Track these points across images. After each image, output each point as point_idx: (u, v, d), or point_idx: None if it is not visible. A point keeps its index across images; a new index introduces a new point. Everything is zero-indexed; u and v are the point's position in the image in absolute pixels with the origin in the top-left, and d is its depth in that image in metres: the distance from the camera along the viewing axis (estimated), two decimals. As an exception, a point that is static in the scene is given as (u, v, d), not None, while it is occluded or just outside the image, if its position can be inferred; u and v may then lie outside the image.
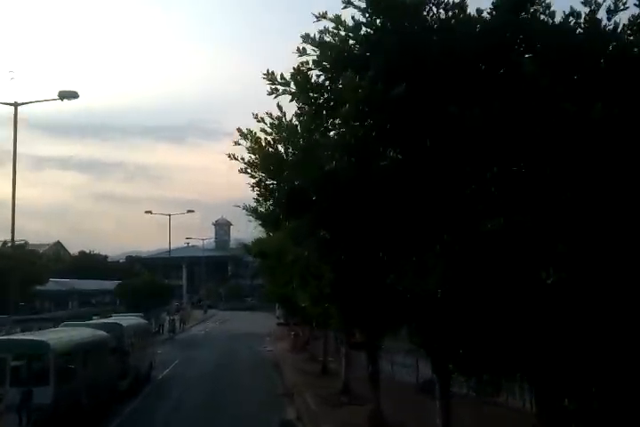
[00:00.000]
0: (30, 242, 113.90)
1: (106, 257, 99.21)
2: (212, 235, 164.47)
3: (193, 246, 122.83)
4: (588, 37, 6.25)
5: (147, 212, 65.14)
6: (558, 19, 6.56)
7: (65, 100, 21.30)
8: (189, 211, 74.69)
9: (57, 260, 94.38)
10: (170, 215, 62.67)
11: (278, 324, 54.10)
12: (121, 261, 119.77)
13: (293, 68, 7.52)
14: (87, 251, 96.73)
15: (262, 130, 8.60)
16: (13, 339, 17.54)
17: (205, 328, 57.66)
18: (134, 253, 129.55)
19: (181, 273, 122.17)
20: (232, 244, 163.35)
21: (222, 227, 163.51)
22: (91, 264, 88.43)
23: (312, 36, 7.19)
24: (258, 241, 28.72)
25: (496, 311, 6.16)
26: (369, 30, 7.09)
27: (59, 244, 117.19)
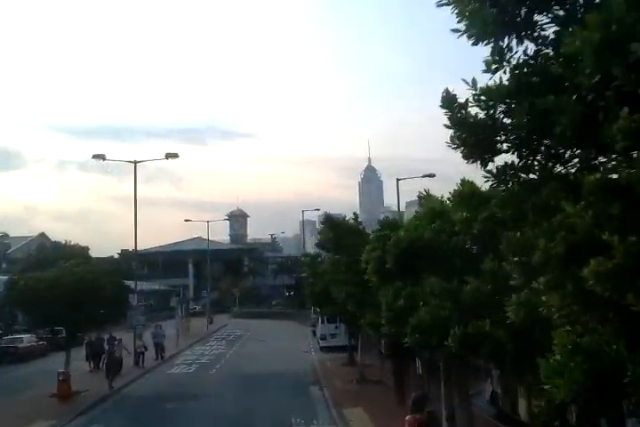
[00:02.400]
0: (12, 235, 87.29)
1: (87, 249, 76.40)
2: (227, 229, 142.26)
3: (202, 239, 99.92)
4: None
5: (186, 220, 60.92)
6: None
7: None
8: (228, 217, 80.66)
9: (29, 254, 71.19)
10: (208, 222, 59.02)
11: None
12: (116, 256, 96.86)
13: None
14: (65, 242, 74.23)
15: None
16: None
17: (199, 358, 33.34)
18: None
19: (187, 270, 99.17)
20: (249, 238, 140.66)
21: (237, 219, 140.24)
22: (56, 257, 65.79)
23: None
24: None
25: None
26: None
27: (44, 235, 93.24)
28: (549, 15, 5.33)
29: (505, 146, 5.50)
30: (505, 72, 5.42)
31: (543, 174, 5.43)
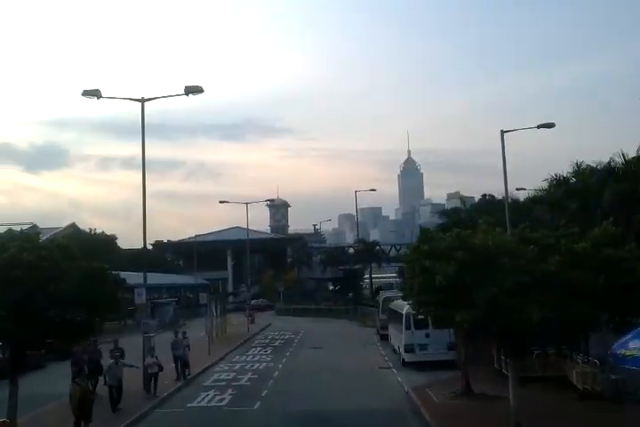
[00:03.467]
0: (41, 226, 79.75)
1: (113, 237, 68.09)
2: (267, 220, 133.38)
3: (242, 228, 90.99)
4: None
5: (222, 202, 53.20)
6: None
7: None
8: (268, 200, 74.71)
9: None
10: (247, 204, 49.95)
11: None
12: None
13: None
14: (89, 230, 66.07)
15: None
16: None
17: (238, 376, 23.19)
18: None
19: (226, 262, 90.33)
20: (290, 230, 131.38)
21: (279, 209, 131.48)
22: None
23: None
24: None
25: None
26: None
27: (74, 226, 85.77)
28: None
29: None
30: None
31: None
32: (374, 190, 69.97)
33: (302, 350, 31.23)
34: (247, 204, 48.85)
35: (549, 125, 23.17)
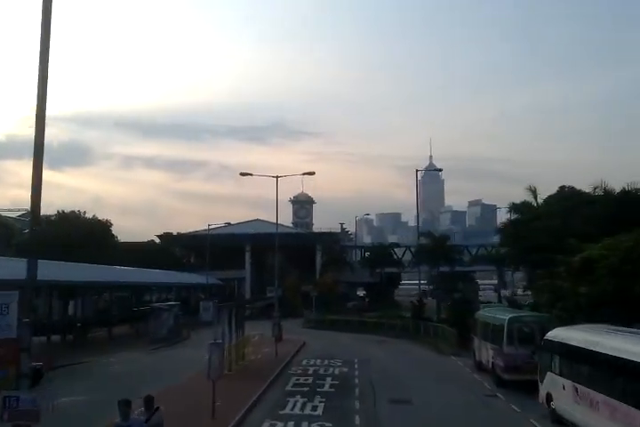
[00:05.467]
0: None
1: (108, 223, 54.35)
2: (289, 217, 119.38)
3: (262, 222, 76.93)
4: None
5: (243, 173, 36.65)
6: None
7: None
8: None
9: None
10: (277, 177, 35.90)
11: None
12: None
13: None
14: (78, 212, 52.59)
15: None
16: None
17: None
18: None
19: (243, 260, 76.33)
20: (315, 228, 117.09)
21: (303, 205, 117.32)
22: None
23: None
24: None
25: None
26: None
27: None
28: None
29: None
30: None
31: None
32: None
33: (379, 408, 17.27)
34: (277, 177, 35.08)
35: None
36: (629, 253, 18.27)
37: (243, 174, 35.38)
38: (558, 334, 15.53)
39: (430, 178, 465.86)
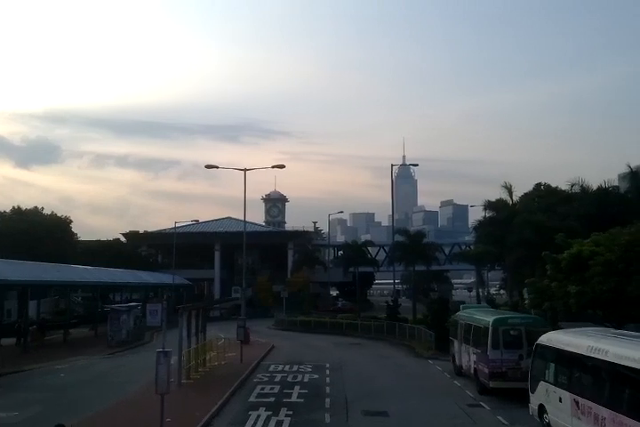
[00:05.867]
0: None
1: (67, 219, 51.41)
2: (262, 215, 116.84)
3: (233, 219, 74.38)
4: None
5: (209, 166, 33.69)
6: None
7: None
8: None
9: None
10: (245, 170, 33.37)
11: None
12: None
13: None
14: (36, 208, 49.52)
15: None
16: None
17: None
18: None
19: (213, 259, 73.62)
20: (288, 225, 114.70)
21: (275, 203, 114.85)
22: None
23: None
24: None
25: None
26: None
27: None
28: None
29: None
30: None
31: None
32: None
33: (352, 422, 15.28)
34: (245, 170, 32.90)
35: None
36: (628, 250, 16.61)
37: (208, 167, 33.15)
38: (553, 338, 13.75)
39: (404, 179, 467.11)
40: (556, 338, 13.58)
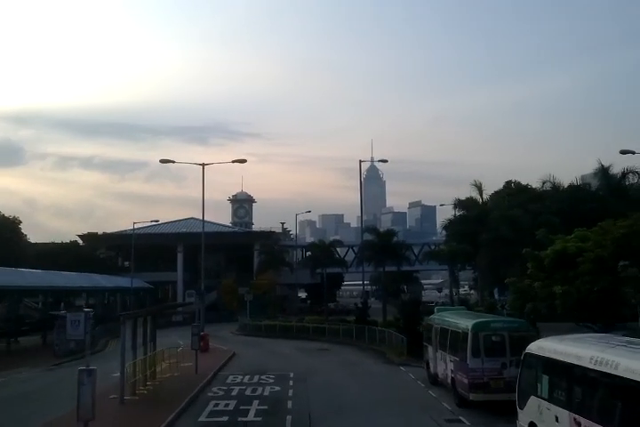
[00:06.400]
0: None
1: (16, 220, 48.23)
2: (228, 217, 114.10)
3: (197, 220, 71.66)
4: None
5: (163, 161, 31.05)
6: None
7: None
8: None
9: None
10: (203, 164, 31.56)
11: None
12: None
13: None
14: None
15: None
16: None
17: None
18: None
19: (176, 261, 70.71)
20: (255, 227, 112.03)
21: (242, 204, 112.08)
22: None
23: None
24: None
25: None
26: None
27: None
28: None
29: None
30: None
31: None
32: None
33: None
34: (204, 165, 30.59)
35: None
36: (622, 245, 14.90)
37: (163, 161, 30.75)
38: (545, 346, 11.88)
39: (372, 180, 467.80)
40: (549, 347, 11.70)
